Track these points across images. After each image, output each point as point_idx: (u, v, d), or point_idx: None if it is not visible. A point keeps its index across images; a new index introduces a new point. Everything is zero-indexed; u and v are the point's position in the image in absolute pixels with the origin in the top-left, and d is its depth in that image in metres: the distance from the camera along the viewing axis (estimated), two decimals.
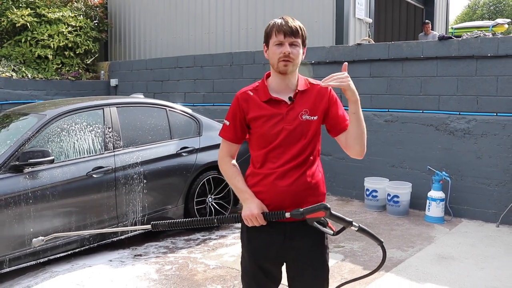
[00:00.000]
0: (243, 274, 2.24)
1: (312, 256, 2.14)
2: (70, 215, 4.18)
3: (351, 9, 7.56)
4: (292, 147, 2.08)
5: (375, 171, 6.25)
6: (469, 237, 5.00)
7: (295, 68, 2.09)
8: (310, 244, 2.12)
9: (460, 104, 5.64)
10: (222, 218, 2.16)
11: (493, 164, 5.43)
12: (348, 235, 5.02)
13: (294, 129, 2.07)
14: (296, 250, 2.12)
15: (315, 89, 2.14)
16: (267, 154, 2.10)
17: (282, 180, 2.07)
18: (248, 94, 2.15)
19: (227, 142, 2.22)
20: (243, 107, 2.14)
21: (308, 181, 2.08)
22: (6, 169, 3.90)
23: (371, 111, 6.32)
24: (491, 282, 3.84)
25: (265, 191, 2.09)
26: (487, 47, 5.40)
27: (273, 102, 2.10)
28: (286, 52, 2.02)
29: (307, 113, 2.09)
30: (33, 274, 4.04)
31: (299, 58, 2.08)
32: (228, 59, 8.00)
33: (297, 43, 2.05)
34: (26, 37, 9.52)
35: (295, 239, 2.10)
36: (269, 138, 2.09)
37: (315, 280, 2.16)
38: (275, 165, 2.08)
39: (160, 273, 4.05)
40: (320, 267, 2.17)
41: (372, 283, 3.81)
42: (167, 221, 2.27)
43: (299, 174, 2.07)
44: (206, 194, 5.22)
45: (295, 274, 2.17)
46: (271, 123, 2.08)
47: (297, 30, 2.05)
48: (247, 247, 2.19)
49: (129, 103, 5.03)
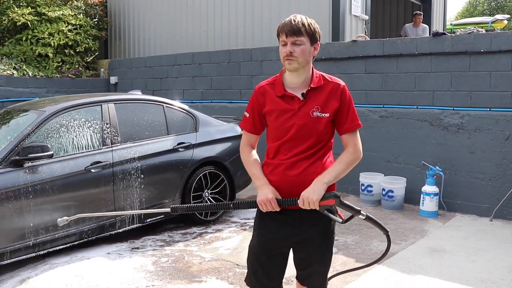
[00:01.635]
0: (249, 255, 2.34)
1: (319, 242, 2.25)
2: (68, 209, 4.27)
3: (347, 6, 7.63)
4: (303, 141, 2.17)
5: (370, 166, 6.32)
6: (462, 230, 5.07)
7: (301, 65, 2.14)
8: (317, 230, 2.23)
9: (453, 100, 5.71)
10: (238, 203, 2.26)
11: (486, 158, 5.50)
12: (343, 228, 5.10)
13: (305, 125, 2.15)
14: (304, 236, 2.22)
15: (328, 86, 2.19)
16: (280, 147, 2.20)
17: (291, 170, 2.17)
18: (265, 88, 2.26)
19: (246, 133, 2.35)
20: (260, 101, 2.25)
21: (318, 171, 2.16)
22: (6, 163, 3.99)
23: (366, 107, 6.39)
24: (481, 274, 3.91)
25: (276, 180, 2.20)
26: (480, 43, 5.46)
27: (287, 98, 2.18)
28: (287, 52, 2.10)
29: (318, 110, 2.16)
30: (33, 266, 4.14)
31: (305, 55, 2.12)
32: (226, 57, 8.08)
33: (300, 41, 2.10)
34: (27, 36, 9.62)
35: (304, 226, 2.20)
36: (281, 132, 2.19)
37: (321, 263, 2.29)
38: (286, 156, 2.18)
39: (157, 265, 4.14)
40: (324, 253, 2.29)
41: (364, 275, 3.90)
42: (186, 205, 2.40)
43: (308, 164, 2.16)
44: (203, 189, 5.31)
45: (301, 257, 2.30)
46: (283, 118, 2.17)
47: (298, 29, 2.09)
48: (258, 230, 2.29)
49: (126, 100, 5.12)
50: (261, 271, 2.29)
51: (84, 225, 4.39)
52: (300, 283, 2.38)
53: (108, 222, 4.57)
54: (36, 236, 4.06)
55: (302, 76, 2.19)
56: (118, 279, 3.86)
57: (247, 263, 2.37)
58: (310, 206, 2.08)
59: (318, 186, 2.07)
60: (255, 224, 2.34)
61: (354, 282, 3.76)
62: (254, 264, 2.31)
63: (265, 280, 2.30)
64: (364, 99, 6.42)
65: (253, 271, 2.32)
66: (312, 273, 2.30)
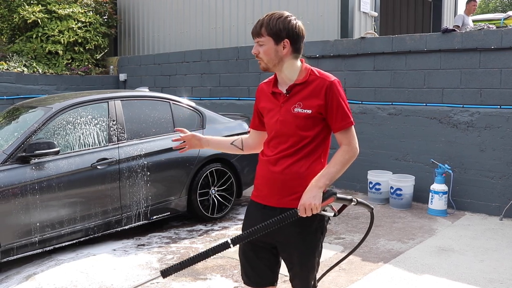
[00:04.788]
0: (239, 249, 2.32)
1: (299, 244, 2.17)
2: (75, 205, 4.30)
3: (356, 3, 7.56)
4: (286, 138, 2.14)
5: (379, 164, 6.27)
6: (471, 230, 5.00)
7: (270, 64, 2.14)
8: (297, 232, 2.15)
9: (463, 97, 5.63)
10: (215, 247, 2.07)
11: (496, 157, 5.42)
12: (350, 227, 5.07)
13: (286, 121, 2.13)
14: (284, 235, 2.16)
15: (315, 82, 2.12)
16: (269, 143, 2.22)
17: (274, 166, 2.15)
18: (262, 86, 2.32)
19: (251, 129, 2.47)
20: (257, 98, 2.33)
21: (301, 171, 2.10)
22: (13, 160, 4.02)
23: (375, 104, 6.34)
24: (490, 274, 3.86)
25: (261, 176, 2.23)
26: (491, 40, 5.37)
27: (276, 94, 2.21)
28: (253, 53, 2.16)
29: (300, 106, 2.11)
30: (39, 262, 4.17)
31: (268, 55, 2.11)
32: (234, 54, 8.06)
33: (261, 42, 2.12)
34: (37, 33, 9.68)
35: (283, 226, 2.09)
36: (269, 128, 2.22)
37: (301, 267, 2.21)
38: (272, 153, 2.18)
39: (162, 262, 4.15)
40: (307, 256, 2.20)
41: (370, 274, 3.86)
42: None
43: (290, 162, 2.12)
44: (209, 186, 5.30)
45: (284, 257, 2.26)
46: (271, 114, 2.20)
47: (257, 31, 2.12)
48: (243, 223, 2.32)
49: (133, 97, 5.12)
50: (248, 266, 2.28)
51: (90, 222, 4.41)
52: (290, 282, 2.32)
53: (114, 219, 4.59)
54: (42, 232, 4.09)
55: (284, 72, 2.17)
56: (123, 275, 3.87)
57: (240, 262, 2.36)
58: (312, 212, 2.01)
59: (315, 191, 2.01)
60: (244, 219, 2.36)
61: (360, 281, 3.73)
62: (242, 258, 2.31)
63: (254, 277, 2.27)
64: (372, 96, 6.36)
65: (242, 265, 2.32)
66: (295, 276, 2.24)
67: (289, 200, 2.12)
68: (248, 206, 2.35)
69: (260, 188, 2.24)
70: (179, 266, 2.01)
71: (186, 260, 2.03)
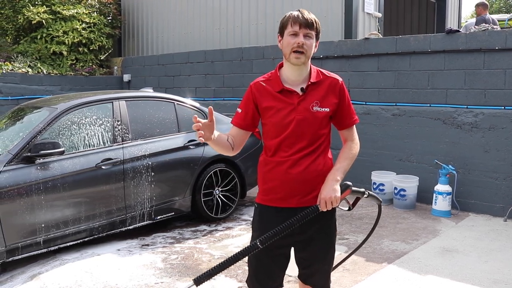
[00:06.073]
0: (250, 257, 2.24)
1: (322, 240, 2.23)
2: (79, 205, 4.31)
3: (360, 4, 7.56)
4: (303, 137, 2.15)
5: (382, 164, 6.27)
6: (475, 230, 4.99)
7: (307, 60, 2.14)
8: (319, 227, 2.21)
9: (467, 98, 5.62)
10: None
11: (501, 157, 5.41)
12: (354, 227, 5.07)
13: (304, 120, 2.14)
14: (307, 235, 2.20)
15: (327, 81, 2.21)
16: (280, 143, 2.18)
17: (293, 168, 2.15)
18: (260, 84, 2.24)
19: (234, 127, 2.29)
20: (256, 97, 2.23)
21: (319, 168, 2.16)
22: (18, 160, 4.04)
23: (379, 105, 6.33)
24: (494, 275, 3.85)
25: (276, 178, 2.18)
26: (495, 40, 5.36)
27: (286, 93, 2.17)
28: (300, 42, 2.08)
29: (317, 104, 2.16)
30: (44, 261, 4.19)
31: (312, 50, 2.14)
32: (238, 54, 8.07)
33: (311, 35, 2.12)
34: (41, 34, 9.73)
35: (305, 225, 2.14)
36: (281, 128, 2.16)
37: (323, 261, 2.27)
38: (287, 153, 2.16)
39: (166, 262, 4.16)
40: (328, 250, 2.27)
41: (374, 275, 3.86)
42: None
43: (310, 161, 2.15)
44: (214, 187, 5.31)
45: (303, 256, 2.28)
46: (283, 113, 2.16)
47: (312, 23, 2.11)
48: (259, 231, 2.21)
49: (137, 97, 5.14)
50: (263, 272, 2.25)
51: (95, 222, 4.43)
52: (303, 282, 2.35)
53: (119, 219, 4.60)
54: (47, 232, 4.11)
55: (302, 70, 2.18)
56: (127, 275, 3.88)
57: (248, 265, 2.31)
58: (332, 205, 2.07)
59: (333, 184, 2.09)
60: (255, 225, 2.30)
61: (364, 282, 3.73)
62: (256, 266, 2.26)
63: (268, 281, 2.27)
64: (376, 97, 6.36)
65: (255, 273, 2.28)
66: (315, 272, 2.28)
67: (309, 199, 2.17)
68: (259, 211, 2.26)
69: (274, 191, 2.19)
70: (211, 272, 2.04)
71: (217, 265, 2.05)
